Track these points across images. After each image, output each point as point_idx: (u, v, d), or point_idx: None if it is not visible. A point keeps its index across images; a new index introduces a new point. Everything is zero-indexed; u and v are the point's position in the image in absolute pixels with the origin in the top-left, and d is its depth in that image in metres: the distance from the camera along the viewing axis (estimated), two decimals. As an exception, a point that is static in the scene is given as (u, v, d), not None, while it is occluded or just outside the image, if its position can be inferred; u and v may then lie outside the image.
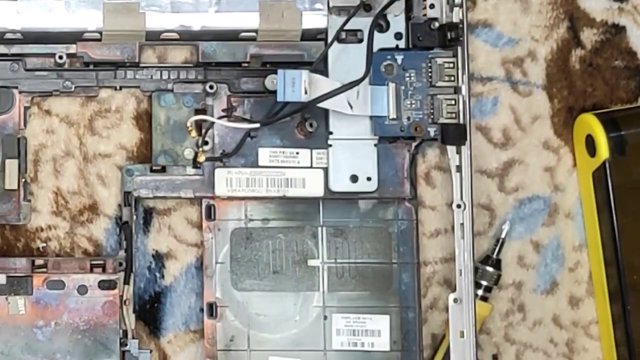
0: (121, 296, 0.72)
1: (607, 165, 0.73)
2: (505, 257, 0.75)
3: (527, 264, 0.76)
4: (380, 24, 0.74)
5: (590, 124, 0.73)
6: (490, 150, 0.76)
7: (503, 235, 0.75)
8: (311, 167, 0.74)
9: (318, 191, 0.74)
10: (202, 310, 0.73)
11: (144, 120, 0.74)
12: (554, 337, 0.76)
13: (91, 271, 0.72)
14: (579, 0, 0.77)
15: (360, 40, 0.73)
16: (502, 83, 0.76)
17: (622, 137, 0.73)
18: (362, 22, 0.73)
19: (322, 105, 0.70)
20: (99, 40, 0.73)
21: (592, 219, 0.75)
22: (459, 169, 0.72)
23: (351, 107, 0.72)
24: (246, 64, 0.73)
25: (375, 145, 0.74)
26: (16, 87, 0.74)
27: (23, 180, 0.75)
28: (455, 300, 0.73)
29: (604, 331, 0.74)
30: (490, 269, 0.75)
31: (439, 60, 0.73)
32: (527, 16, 0.76)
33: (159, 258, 0.74)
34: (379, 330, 0.74)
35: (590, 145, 0.73)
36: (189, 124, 0.71)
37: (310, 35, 0.73)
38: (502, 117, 0.76)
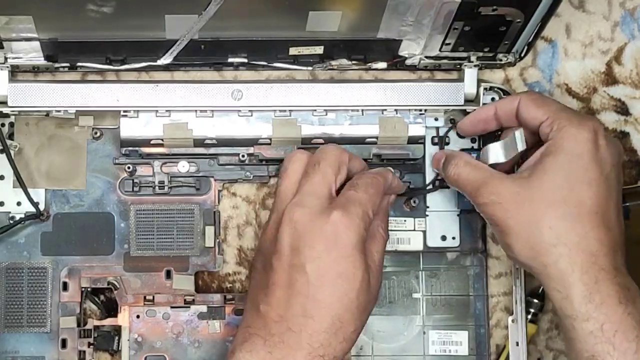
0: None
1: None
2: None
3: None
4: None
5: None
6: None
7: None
8: (414, 230, 0.84)
9: (419, 246, 0.84)
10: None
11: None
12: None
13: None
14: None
15: (448, 143, 0.83)
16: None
17: (627, 207, 0.80)
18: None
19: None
20: (269, 144, 0.82)
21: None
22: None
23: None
24: (369, 160, 0.83)
25: (457, 215, 0.84)
26: (212, 177, 0.83)
27: (217, 240, 0.83)
28: (512, 321, 0.83)
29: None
30: (536, 300, 0.85)
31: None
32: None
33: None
34: (460, 341, 0.84)
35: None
36: None
37: (413, 140, 0.83)
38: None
